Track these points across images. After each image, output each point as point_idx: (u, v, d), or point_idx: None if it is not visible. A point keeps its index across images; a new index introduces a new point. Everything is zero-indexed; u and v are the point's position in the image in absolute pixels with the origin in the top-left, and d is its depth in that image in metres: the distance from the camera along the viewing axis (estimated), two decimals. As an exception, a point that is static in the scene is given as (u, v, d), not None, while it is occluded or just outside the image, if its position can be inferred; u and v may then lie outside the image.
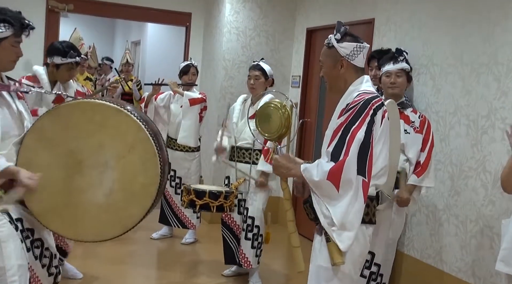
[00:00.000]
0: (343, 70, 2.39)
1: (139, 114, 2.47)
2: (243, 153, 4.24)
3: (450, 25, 3.96)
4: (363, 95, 2.30)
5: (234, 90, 6.09)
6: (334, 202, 2.22)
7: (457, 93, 3.86)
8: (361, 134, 2.19)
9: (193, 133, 5.10)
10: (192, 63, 5.21)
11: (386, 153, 2.33)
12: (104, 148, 2.39)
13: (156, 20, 7.31)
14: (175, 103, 5.21)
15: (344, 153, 2.19)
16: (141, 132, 2.38)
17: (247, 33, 6.11)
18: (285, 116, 2.48)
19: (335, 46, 2.38)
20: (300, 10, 6.18)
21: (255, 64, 4.30)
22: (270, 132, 2.52)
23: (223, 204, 3.59)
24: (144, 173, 2.39)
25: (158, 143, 2.45)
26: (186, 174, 5.23)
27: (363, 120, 2.22)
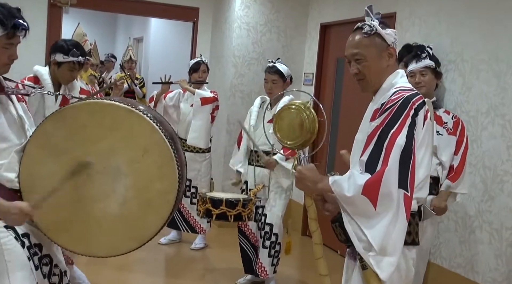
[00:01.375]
0: (392, 61, 2.09)
1: (153, 114, 2.25)
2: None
3: (483, 19, 3.75)
4: (402, 93, 1.99)
5: (245, 88, 5.91)
6: (372, 222, 1.88)
7: (491, 91, 3.64)
8: (402, 140, 1.88)
9: (204, 134, 4.92)
10: (202, 60, 5.03)
11: (428, 161, 2.01)
12: (115, 152, 2.17)
13: (161, 15, 7.13)
14: (185, 102, 5.03)
15: (382, 162, 1.86)
16: (156, 134, 2.17)
17: (258, 29, 5.92)
18: (309, 119, 2.17)
19: (380, 32, 2.06)
20: (313, 4, 5.97)
21: (271, 66, 4.08)
22: (292, 139, 2.22)
23: (241, 213, 3.40)
24: (160, 179, 2.18)
25: (174, 145, 2.24)
26: (196, 175, 5.05)
27: (403, 122, 1.91)
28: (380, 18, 2.10)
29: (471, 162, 3.71)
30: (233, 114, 5.88)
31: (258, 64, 5.92)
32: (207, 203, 3.39)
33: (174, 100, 5.07)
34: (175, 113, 5.09)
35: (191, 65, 5.08)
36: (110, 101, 2.21)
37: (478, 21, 3.78)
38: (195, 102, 4.88)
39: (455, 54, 3.93)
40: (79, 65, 3.53)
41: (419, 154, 1.95)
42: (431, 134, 2.05)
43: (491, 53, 3.67)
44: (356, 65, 2.10)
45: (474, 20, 3.82)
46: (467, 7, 3.89)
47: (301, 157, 2.13)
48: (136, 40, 10.82)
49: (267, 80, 4.05)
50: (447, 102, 3.93)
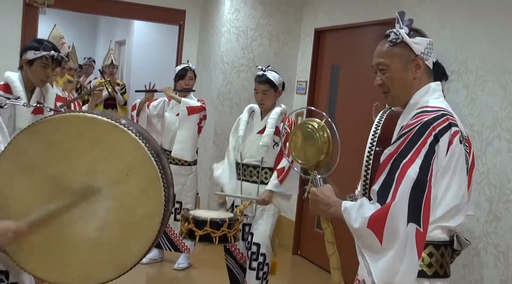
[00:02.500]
0: (419, 73, 2.04)
1: (137, 130, 2.19)
2: (250, 171, 4.01)
3: (490, 26, 3.72)
4: (421, 116, 1.93)
5: (234, 97, 5.89)
6: (376, 257, 1.88)
7: (497, 104, 3.62)
8: (413, 171, 1.85)
9: (190, 145, 4.87)
10: (189, 66, 4.99)
11: (457, 188, 1.94)
12: (96, 171, 2.10)
13: (145, 18, 7.10)
14: (170, 111, 4.98)
15: (392, 195, 1.85)
16: (140, 152, 2.09)
17: (248, 34, 5.91)
18: (322, 140, 2.18)
19: (406, 41, 2.01)
20: (307, 8, 5.94)
21: (261, 75, 4.01)
22: (305, 159, 2.23)
23: (227, 234, 3.34)
24: (145, 201, 2.11)
25: (161, 163, 2.17)
26: (181, 190, 4.99)
27: (418, 151, 1.87)
28: (411, 25, 2.06)
29: (475, 180, 3.68)
30: (221, 125, 5.85)
31: (248, 71, 5.89)
32: (190, 223, 3.32)
33: (159, 109, 5.02)
34: (159, 123, 5.04)
35: (177, 72, 5.04)
36: (91, 114, 2.14)
37: (484, 28, 3.76)
38: (181, 112, 4.83)
39: (459, 64, 3.91)
40: (53, 61, 3.40)
41: (442, 183, 1.91)
42: (461, 159, 1.97)
43: (497, 63, 3.64)
44: (381, 75, 2.09)
45: (479, 27, 3.80)
46: (473, 13, 3.87)
47: (316, 177, 2.17)
48: (118, 44, 10.77)
49: (257, 91, 3.99)
50: (450, 114, 3.90)
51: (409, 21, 2.05)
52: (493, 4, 3.72)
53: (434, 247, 1.95)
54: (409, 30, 2.03)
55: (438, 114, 1.93)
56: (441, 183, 1.91)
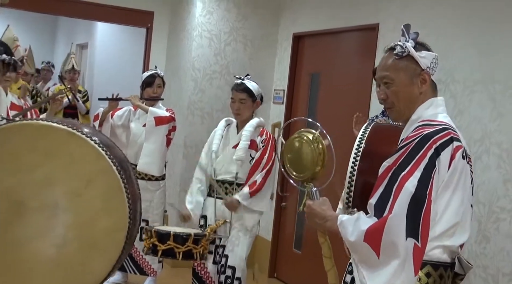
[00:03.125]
0: (425, 87, 2.14)
1: (99, 138, 2.22)
2: (225, 187, 4.05)
3: (478, 33, 3.82)
4: (422, 129, 2.02)
5: (205, 106, 5.91)
6: (373, 271, 1.96)
7: (486, 116, 3.70)
8: (411, 184, 1.93)
9: (157, 159, 4.88)
10: (157, 73, 5.01)
11: (458, 205, 2.02)
12: (53, 183, 2.13)
13: (109, 20, 7.12)
14: (136, 121, 4.98)
15: (389, 208, 1.94)
16: (102, 161, 2.14)
17: (221, 38, 5.94)
18: (318, 151, 2.26)
19: (413, 55, 2.12)
20: (285, 12, 6.01)
21: (239, 83, 4.07)
22: (300, 171, 2.31)
23: (192, 250, 3.39)
24: (107, 215, 2.14)
25: (125, 173, 2.21)
26: (148, 207, 4.98)
27: (417, 164, 1.95)
28: (417, 38, 2.15)
29: (463, 196, 3.75)
30: (191, 136, 5.85)
31: (221, 78, 5.92)
32: (152, 236, 3.34)
33: (124, 120, 5.01)
34: (124, 134, 5.02)
35: (144, 79, 5.05)
36: (47, 122, 2.16)
37: (472, 35, 3.85)
38: (148, 122, 4.83)
39: (446, 73, 3.99)
40: (4, 65, 3.37)
41: (444, 198, 1.99)
42: (465, 174, 2.05)
43: (486, 72, 3.73)
44: (385, 89, 2.17)
45: (467, 34, 3.89)
46: (459, 19, 3.96)
47: (312, 190, 2.26)
48: (79, 47, 10.72)
49: (234, 100, 4.04)
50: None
51: (415, 34, 2.14)
52: (481, 10, 3.81)
53: (433, 267, 2.02)
54: (415, 43, 2.13)
55: (440, 128, 2.02)
56: (442, 198, 1.99)
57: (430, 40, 4.05)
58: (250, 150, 3.97)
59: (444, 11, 4.08)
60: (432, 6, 4.19)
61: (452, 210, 2.01)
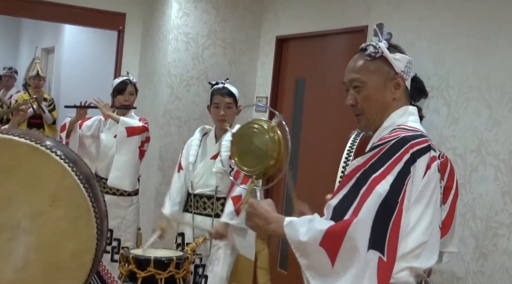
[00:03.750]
0: (399, 93, 2.08)
1: (64, 152, 2.22)
2: (203, 202, 4.02)
3: (473, 36, 3.87)
4: (399, 132, 1.95)
5: (182, 115, 5.93)
6: (323, 280, 1.86)
7: (482, 124, 3.74)
8: (383, 188, 1.84)
9: (129, 172, 4.84)
10: (129, 79, 4.98)
11: (428, 222, 1.93)
12: (13, 202, 2.12)
13: (77, 22, 7.14)
14: (107, 132, 4.95)
15: (353, 211, 1.82)
16: (68, 178, 2.12)
17: (199, 41, 5.98)
18: (273, 142, 2.14)
19: (387, 56, 2.06)
20: (268, 13, 6.06)
21: (222, 87, 4.04)
22: (251, 165, 2.18)
23: (174, 275, 3.34)
24: (73, 236, 2.13)
25: (92, 191, 2.21)
26: (119, 225, 4.95)
27: (391, 167, 1.86)
28: (390, 40, 2.10)
29: (459, 211, 3.77)
30: (167, 147, 5.87)
31: (199, 84, 5.95)
32: (130, 263, 3.31)
33: (93, 130, 4.98)
34: (93, 146, 5.00)
35: (115, 86, 5.01)
36: (7, 135, 2.16)
37: (466, 38, 3.90)
38: (119, 133, 4.79)
39: (439, 79, 4.03)
40: None
41: (414, 211, 1.91)
42: (437, 191, 1.98)
43: (481, 77, 3.78)
44: (354, 94, 2.11)
45: (461, 38, 3.94)
46: (453, 21, 4.01)
47: (257, 188, 2.16)
48: (45, 51, 10.73)
49: (219, 105, 3.99)
50: (430, 137, 3.99)
51: (388, 35, 2.09)
52: (476, 12, 3.86)
53: None
54: (388, 44, 2.08)
55: (417, 134, 1.97)
56: (415, 209, 1.91)
57: (422, 44, 4.16)
58: (230, 160, 3.97)
59: (438, 14, 4.13)
60: (425, 7, 4.24)
61: (422, 227, 1.92)
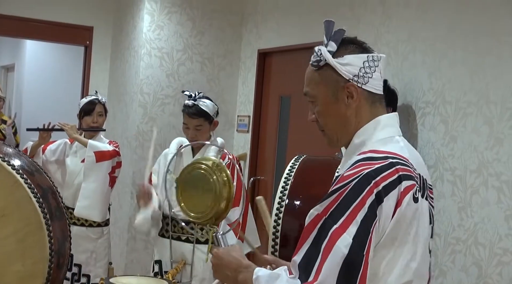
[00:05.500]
0: (354, 103, 1.95)
1: (20, 161, 2.23)
2: (181, 226, 4.00)
3: (471, 48, 3.91)
4: (363, 166, 1.83)
5: (157, 137, 5.86)
6: None
7: (482, 142, 3.77)
8: (344, 243, 1.76)
9: (99, 201, 4.83)
10: (98, 99, 4.99)
11: (407, 261, 1.85)
12: None
13: (40, 37, 7.16)
14: (73, 156, 4.94)
15: (315, 272, 1.77)
16: (19, 191, 2.13)
17: (174, 56, 6.02)
18: (221, 183, 2.15)
19: (330, 63, 1.94)
20: (248, 25, 6.11)
21: (191, 105, 4.02)
22: (200, 211, 2.19)
23: None
24: (22, 257, 2.13)
25: (48, 206, 2.19)
26: (89, 259, 4.93)
27: (353, 215, 1.77)
28: (343, 37, 1.95)
29: (460, 238, 3.80)
30: (141, 173, 5.82)
31: (175, 103, 5.97)
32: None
33: (58, 155, 4.97)
34: (58, 172, 4.98)
35: (83, 106, 5.01)
36: None
37: (463, 51, 3.93)
38: (87, 158, 4.80)
39: (435, 94, 4.06)
40: None
41: (386, 255, 1.84)
42: (418, 220, 1.88)
43: (480, 92, 3.80)
44: (313, 109, 2.02)
45: (457, 50, 3.97)
46: (448, 32, 4.05)
47: (218, 235, 2.14)
48: (4, 69, 10.72)
49: (188, 126, 4.03)
50: (426, 157, 4.04)
51: (338, 33, 1.95)
52: (473, 23, 3.90)
53: None
54: (338, 45, 1.95)
55: (385, 164, 1.84)
56: (384, 254, 1.83)
57: (416, 57, 4.21)
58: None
59: (432, 24, 4.15)
60: (417, 17, 4.28)
61: (399, 269, 1.84)
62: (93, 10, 6.53)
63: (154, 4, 5.89)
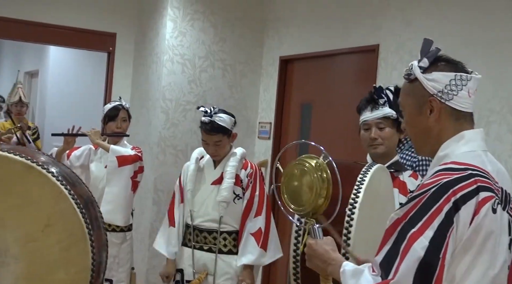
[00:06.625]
0: (433, 118, 2.06)
1: (61, 172, 2.25)
2: (204, 236, 4.01)
3: (492, 55, 3.94)
4: (441, 176, 1.93)
5: (178, 143, 5.96)
6: None
7: (506, 151, 3.79)
8: (420, 245, 1.87)
9: (121, 205, 4.83)
10: (122, 105, 5.00)
11: (483, 270, 1.92)
12: (3, 226, 2.16)
13: (64, 43, 7.15)
14: (98, 162, 4.95)
15: (394, 271, 1.89)
16: (63, 202, 2.16)
17: (196, 63, 6.05)
18: (321, 181, 2.28)
19: (419, 78, 2.08)
20: (270, 32, 6.15)
21: (208, 122, 3.98)
22: (299, 204, 2.31)
23: None
24: (65, 266, 2.16)
25: (90, 217, 2.23)
26: (112, 264, 4.92)
27: (430, 220, 1.88)
28: (437, 55, 2.08)
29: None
30: (162, 178, 5.88)
31: (197, 110, 5.95)
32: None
33: (83, 160, 4.96)
34: (82, 177, 4.92)
35: (107, 112, 5.00)
36: (1, 152, 2.19)
37: (485, 57, 3.95)
38: (109, 163, 4.79)
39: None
40: None
41: (462, 262, 1.92)
42: (496, 233, 1.94)
43: (503, 100, 3.84)
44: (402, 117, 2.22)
45: (481, 57, 3.99)
46: (470, 39, 4.07)
47: (314, 227, 2.25)
48: (28, 75, 10.74)
49: (207, 142, 4.01)
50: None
51: (434, 51, 2.08)
52: (493, 28, 3.94)
53: None
54: (430, 62, 2.07)
55: (464, 175, 1.92)
56: (461, 261, 1.91)
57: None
58: (235, 186, 3.97)
59: (454, 28, 4.20)
60: (441, 22, 4.31)
61: (476, 276, 1.93)
62: (116, 16, 6.58)
63: (176, 11, 5.94)
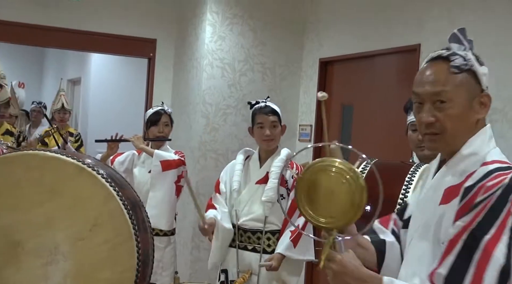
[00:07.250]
0: (482, 114, 1.96)
1: (109, 174, 2.27)
2: (248, 236, 4.02)
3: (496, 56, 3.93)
4: (501, 176, 1.83)
5: (219, 147, 5.97)
6: None
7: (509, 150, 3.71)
8: (501, 253, 1.75)
9: (165, 210, 4.86)
10: (164, 110, 5.03)
11: None
12: (53, 225, 2.18)
13: (105, 50, 7.26)
14: (141, 167, 4.98)
15: (471, 282, 1.76)
16: (111, 202, 2.18)
17: (235, 67, 6.07)
18: (361, 191, 1.99)
19: (476, 70, 1.95)
20: (310, 34, 6.15)
21: (264, 106, 4.05)
22: (330, 216, 2.03)
23: None
24: (111, 265, 2.17)
25: (136, 218, 2.24)
26: (156, 268, 4.93)
27: (503, 225, 1.77)
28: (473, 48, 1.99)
29: None
30: (204, 183, 5.89)
31: (237, 113, 6.03)
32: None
33: (126, 165, 4.99)
34: (126, 181, 5.05)
35: (149, 116, 5.04)
36: (53, 154, 2.23)
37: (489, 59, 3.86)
38: (153, 168, 4.83)
39: (503, 101, 4.03)
40: None
41: None
42: None
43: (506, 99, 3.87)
44: (434, 111, 1.96)
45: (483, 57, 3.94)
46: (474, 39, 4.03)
47: (338, 240, 2.03)
48: (71, 83, 10.83)
49: (263, 124, 4.00)
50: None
51: (471, 42, 1.98)
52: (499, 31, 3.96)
53: None
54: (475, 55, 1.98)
55: None
56: None
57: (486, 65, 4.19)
58: (279, 186, 3.97)
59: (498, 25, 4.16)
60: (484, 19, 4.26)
61: None
62: (156, 23, 6.63)
63: (215, 15, 5.98)
